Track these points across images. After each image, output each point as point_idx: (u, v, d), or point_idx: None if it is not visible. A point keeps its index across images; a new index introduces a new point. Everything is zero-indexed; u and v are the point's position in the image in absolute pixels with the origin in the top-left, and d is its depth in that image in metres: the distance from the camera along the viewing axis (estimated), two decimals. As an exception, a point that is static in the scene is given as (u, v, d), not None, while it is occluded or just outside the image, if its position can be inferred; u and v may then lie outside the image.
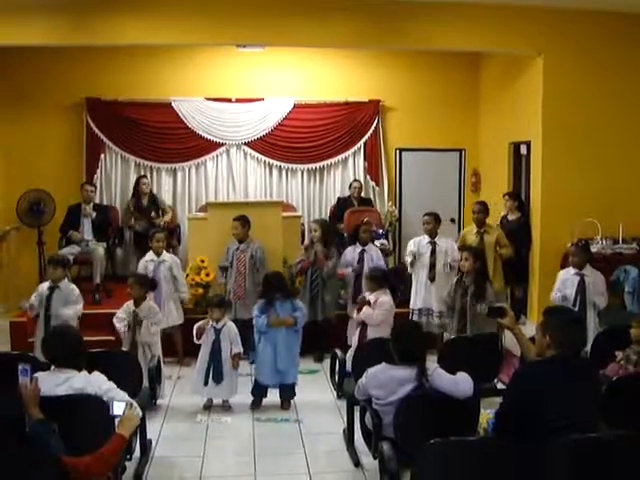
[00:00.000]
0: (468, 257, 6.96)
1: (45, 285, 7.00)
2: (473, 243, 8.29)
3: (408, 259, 8.17)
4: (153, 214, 9.94)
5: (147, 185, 10.21)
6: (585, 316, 7.03)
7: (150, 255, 8.04)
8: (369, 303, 6.88)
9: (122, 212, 10.42)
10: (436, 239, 8.14)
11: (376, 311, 6.82)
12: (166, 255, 8.09)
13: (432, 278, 8.07)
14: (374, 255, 8.33)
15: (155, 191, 10.62)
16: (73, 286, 7.12)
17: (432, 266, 8.08)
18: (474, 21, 8.68)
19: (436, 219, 8.19)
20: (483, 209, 8.58)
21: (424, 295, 8.11)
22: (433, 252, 8.09)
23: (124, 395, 4.36)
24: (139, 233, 9.89)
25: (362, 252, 8.34)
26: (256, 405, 6.75)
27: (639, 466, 3.67)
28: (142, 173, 10.76)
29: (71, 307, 6.91)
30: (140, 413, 4.35)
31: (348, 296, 8.37)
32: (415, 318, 8.02)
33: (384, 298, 6.93)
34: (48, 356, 4.42)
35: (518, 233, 9.05)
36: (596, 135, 9.01)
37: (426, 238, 8.17)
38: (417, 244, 8.18)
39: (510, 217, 9.28)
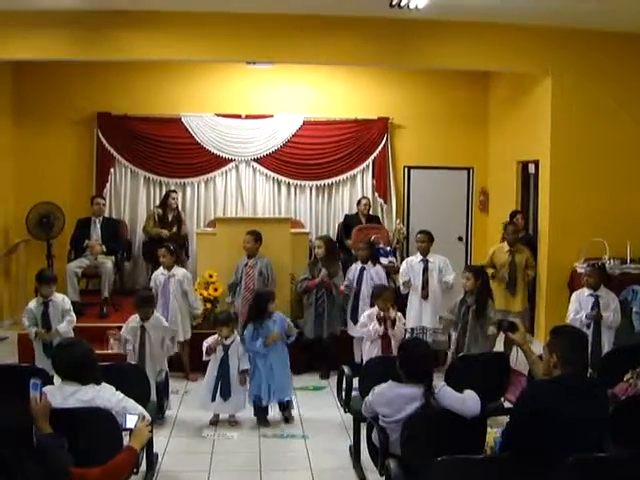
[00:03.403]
0: (470, 277, 6.95)
1: (34, 302, 7.05)
2: (504, 261, 8.34)
3: (401, 280, 8.21)
4: (175, 229, 9.99)
5: (175, 200, 10.25)
6: (600, 337, 7.04)
7: (161, 269, 8.08)
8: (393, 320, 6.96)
9: (146, 217, 10.46)
10: (428, 257, 8.17)
11: (401, 326, 7.00)
12: (177, 270, 8.07)
13: (425, 296, 8.10)
14: (374, 274, 8.29)
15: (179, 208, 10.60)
16: (62, 295, 7.24)
17: (425, 284, 8.11)
18: (483, 40, 8.74)
19: (430, 238, 8.23)
20: (516, 230, 8.60)
21: (417, 314, 8.12)
22: (425, 270, 8.12)
23: (135, 404, 4.38)
24: (149, 245, 9.95)
25: (362, 270, 8.33)
26: (263, 423, 6.75)
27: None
28: (151, 188, 10.85)
29: (66, 320, 7.00)
30: (150, 423, 4.36)
31: (347, 314, 8.38)
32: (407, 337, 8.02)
33: (399, 314, 7.10)
34: (56, 369, 4.44)
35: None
36: (604, 154, 9.02)
37: (418, 257, 8.23)
38: (409, 264, 8.24)
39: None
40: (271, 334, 6.69)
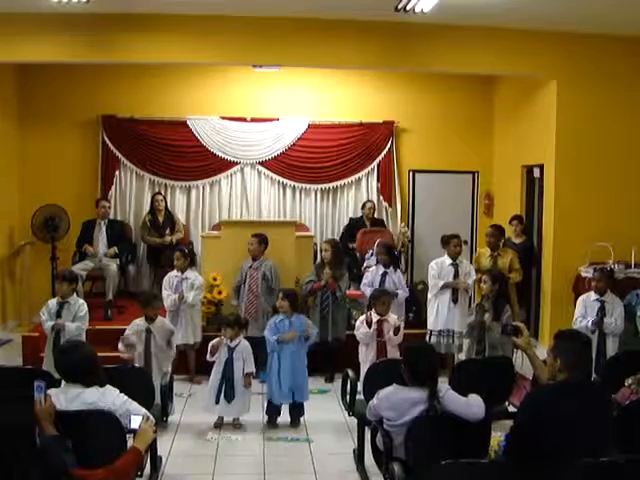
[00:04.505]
0: (487, 280, 6.96)
1: (54, 300, 7.03)
2: (485, 266, 8.33)
3: (437, 282, 8.11)
4: (168, 231, 10.04)
5: (159, 202, 10.28)
6: (605, 342, 7.03)
7: (175, 272, 8.11)
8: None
9: (140, 225, 10.49)
10: (457, 261, 8.16)
11: (401, 330, 6.93)
12: (190, 273, 8.12)
13: (455, 300, 8.09)
14: (396, 279, 8.27)
15: (169, 209, 10.67)
16: (82, 301, 7.16)
17: (455, 287, 8.10)
18: (488, 45, 8.74)
19: (463, 242, 8.25)
20: (497, 233, 8.59)
21: (446, 316, 8.08)
22: (456, 274, 8.09)
23: (138, 406, 4.37)
24: (152, 249, 10.01)
25: (384, 275, 8.30)
26: (272, 424, 6.75)
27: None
28: (157, 190, 10.82)
29: (76, 322, 6.91)
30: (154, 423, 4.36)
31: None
32: (434, 339, 7.99)
33: (397, 317, 7.10)
34: (59, 371, 4.43)
35: (525, 256, 9.06)
36: (609, 159, 9.01)
37: (448, 260, 8.16)
38: (440, 266, 8.17)
39: (516, 240, 9.30)
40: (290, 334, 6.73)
